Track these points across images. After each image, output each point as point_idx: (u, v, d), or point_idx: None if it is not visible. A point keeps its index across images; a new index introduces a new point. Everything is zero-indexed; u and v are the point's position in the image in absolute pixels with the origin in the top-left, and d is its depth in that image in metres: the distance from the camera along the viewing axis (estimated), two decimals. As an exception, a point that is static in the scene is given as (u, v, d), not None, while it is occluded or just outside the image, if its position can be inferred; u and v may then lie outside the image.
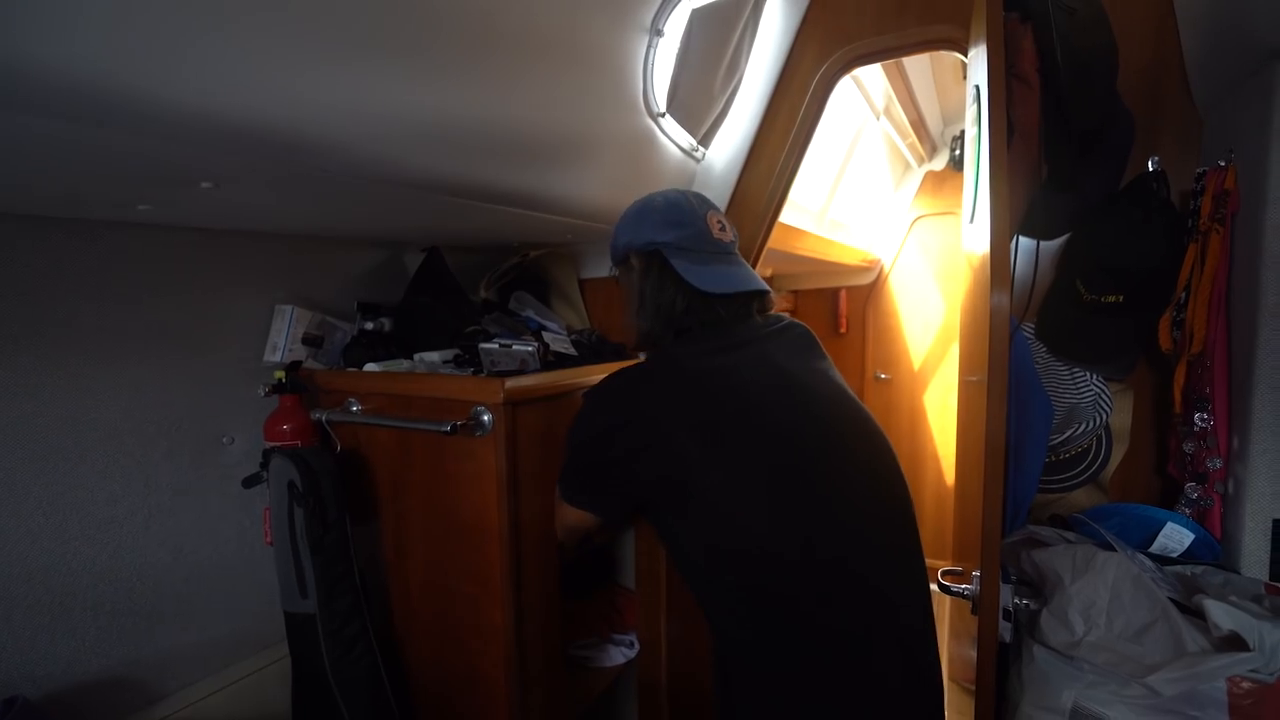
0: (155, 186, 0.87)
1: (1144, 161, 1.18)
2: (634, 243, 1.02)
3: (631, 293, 1.04)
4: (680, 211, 1.02)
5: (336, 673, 1.15)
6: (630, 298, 1.05)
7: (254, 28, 0.63)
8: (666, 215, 1.01)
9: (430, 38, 0.80)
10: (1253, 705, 0.82)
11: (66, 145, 0.67)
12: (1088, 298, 1.22)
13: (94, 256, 1.07)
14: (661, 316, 0.99)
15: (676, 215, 1.01)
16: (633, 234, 1.03)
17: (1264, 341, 0.99)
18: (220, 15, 0.60)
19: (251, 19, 0.62)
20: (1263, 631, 0.81)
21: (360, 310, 1.47)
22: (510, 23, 0.88)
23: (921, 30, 1.38)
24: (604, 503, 0.99)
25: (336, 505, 1.16)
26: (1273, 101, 0.95)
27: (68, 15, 0.52)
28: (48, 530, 1.03)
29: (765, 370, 0.94)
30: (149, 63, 0.59)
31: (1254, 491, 1.02)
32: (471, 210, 1.18)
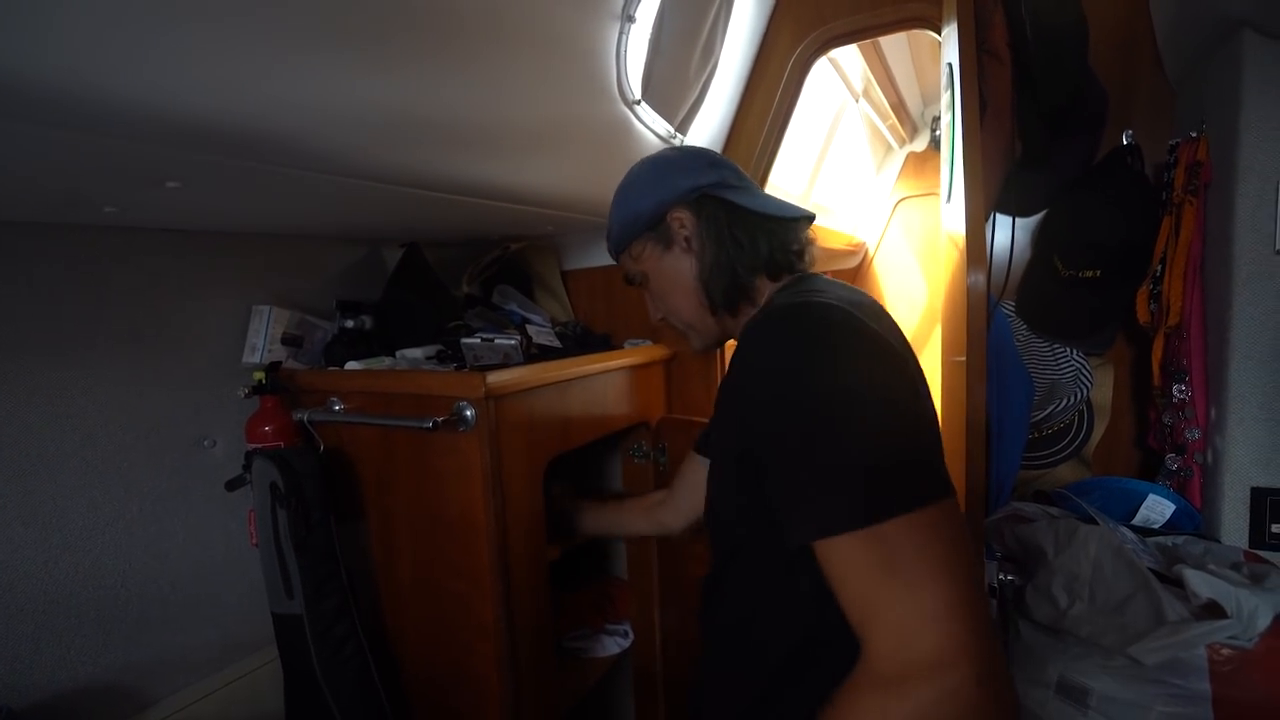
0: (120, 187, 0.86)
1: (1118, 136, 1.18)
2: (668, 198, 0.84)
3: (675, 263, 0.86)
4: (708, 154, 0.89)
5: (326, 673, 1.15)
6: (673, 270, 0.86)
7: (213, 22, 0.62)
8: (696, 160, 0.87)
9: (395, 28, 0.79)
10: (1233, 671, 0.83)
11: (23, 147, 0.66)
12: (1065, 273, 1.23)
13: (62, 260, 1.05)
14: (745, 264, 0.82)
15: (707, 156, 0.88)
16: (662, 190, 0.85)
17: (1238, 311, 1.00)
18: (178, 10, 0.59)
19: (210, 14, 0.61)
20: (1240, 598, 0.82)
21: (340, 308, 1.45)
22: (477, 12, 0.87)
23: (895, 9, 1.37)
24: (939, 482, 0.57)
25: (320, 505, 1.15)
26: (1241, 72, 0.96)
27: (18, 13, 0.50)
28: (28, 539, 1.02)
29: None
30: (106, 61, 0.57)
31: (1232, 461, 1.03)
32: (447, 204, 1.17)
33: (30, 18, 0.51)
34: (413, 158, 0.97)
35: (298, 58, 0.71)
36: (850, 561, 0.54)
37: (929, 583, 0.51)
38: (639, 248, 0.89)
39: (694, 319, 0.89)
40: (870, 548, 0.52)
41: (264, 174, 0.85)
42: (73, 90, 0.58)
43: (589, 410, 1.36)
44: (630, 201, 0.88)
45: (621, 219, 0.89)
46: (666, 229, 0.85)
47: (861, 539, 0.52)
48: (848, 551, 0.53)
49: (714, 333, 0.90)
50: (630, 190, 0.89)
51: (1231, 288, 1.00)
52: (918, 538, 0.52)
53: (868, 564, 0.52)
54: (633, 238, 0.89)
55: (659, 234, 0.86)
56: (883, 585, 0.52)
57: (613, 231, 0.92)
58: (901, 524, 0.52)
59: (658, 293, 0.91)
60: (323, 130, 0.81)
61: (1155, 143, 1.20)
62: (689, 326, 0.91)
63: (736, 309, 0.86)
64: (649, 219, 0.86)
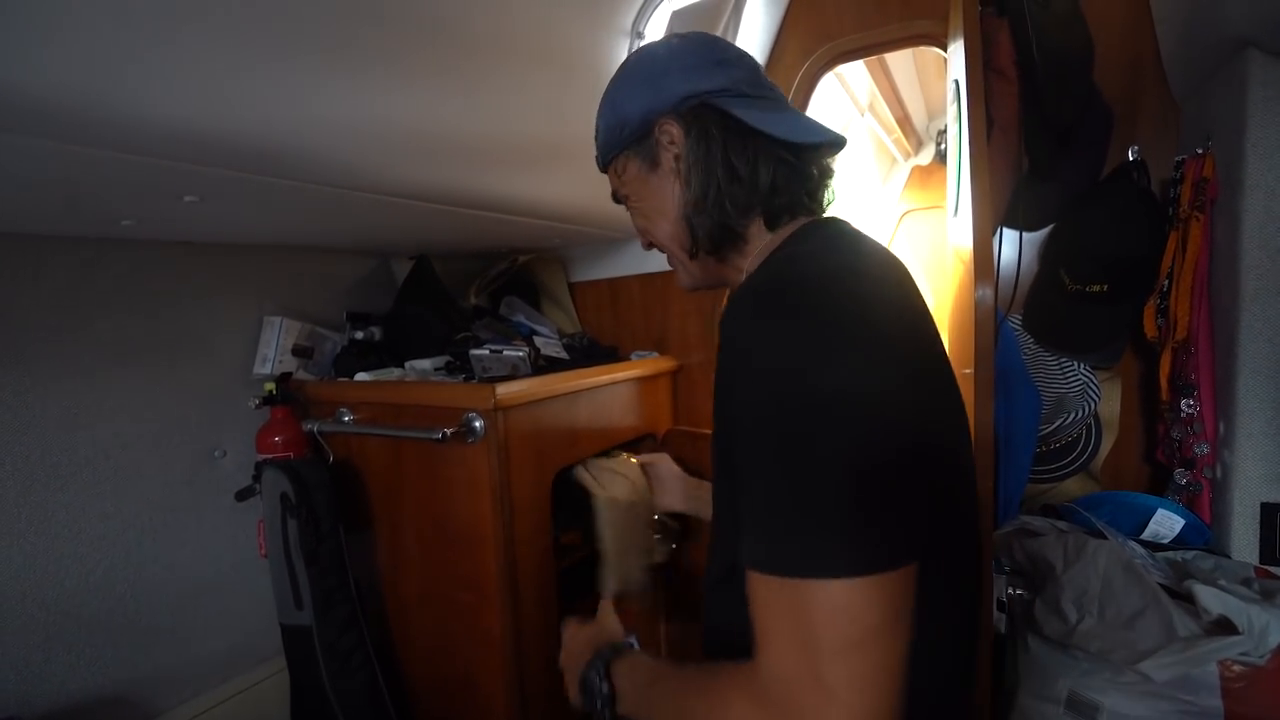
0: (137, 202, 0.87)
1: (1124, 151, 1.19)
2: (658, 105, 0.67)
3: (661, 186, 0.70)
4: (718, 47, 0.70)
5: (334, 684, 1.15)
6: (659, 194, 0.71)
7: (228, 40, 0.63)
8: (701, 55, 0.68)
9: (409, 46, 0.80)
10: (1244, 688, 0.83)
11: (44, 163, 0.67)
12: (1073, 287, 1.23)
13: (77, 272, 1.07)
14: (738, 202, 0.66)
15: (716, 51, 0.69)
16: (653, 94, 0.68)
17: (1246, 326, 1.00)
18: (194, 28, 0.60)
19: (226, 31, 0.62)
20: (1251, 615, 0.82)
21: (349, 320, 1.47)
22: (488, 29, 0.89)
23: (901, 26, 1.39)
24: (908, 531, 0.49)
25: (330, 516, 1.16)
26: (1246, 89, 0.97)
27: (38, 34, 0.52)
28: (40, 550, 1.03)
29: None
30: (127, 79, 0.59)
31: (1241, 476, 1.03)
32: (456, 217, 1.18)
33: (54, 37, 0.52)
34: (425, 172, 0.99)
35: (315, 76, 0.73)
36: (766, 601, 0.48)
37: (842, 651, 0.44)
38: (623, 163, 0.73)
39: (679, 255, 0.74)
40: (789, 596, 0.46)
41: (279, 189, 0.87)
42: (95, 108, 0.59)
43: (596, 422, 1.37)
44: (617, 104, 0.71)
45: (607, 125, 0.72)
46: (653, 145, 0.69)
47: (783, 587, 0.46)
48: (764, 590, 0.48)
49: (700, 276, 0.75)
50: (619, 90, 0.72)
51: (1239, 303, 1.01)
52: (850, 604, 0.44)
53: (781, 609, 0.47)
54: (617, 150, 0.72)
55: (645, 149, 0.70)
56: (790, 634, 0.46)
57: (598, 138, 0.76)
58: (837, 587, 0.44)
59: (641, 218, 0.75)
60: (339, 146, 0.83)
61: (1161, 159, 1.20)
62: (676, 262, 0.76)
63: (723, 256, 0.71)
64: (635, 129, 0.69)
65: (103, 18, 0.54)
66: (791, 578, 0.45)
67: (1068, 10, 1.06)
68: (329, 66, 0.73)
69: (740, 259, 0.71)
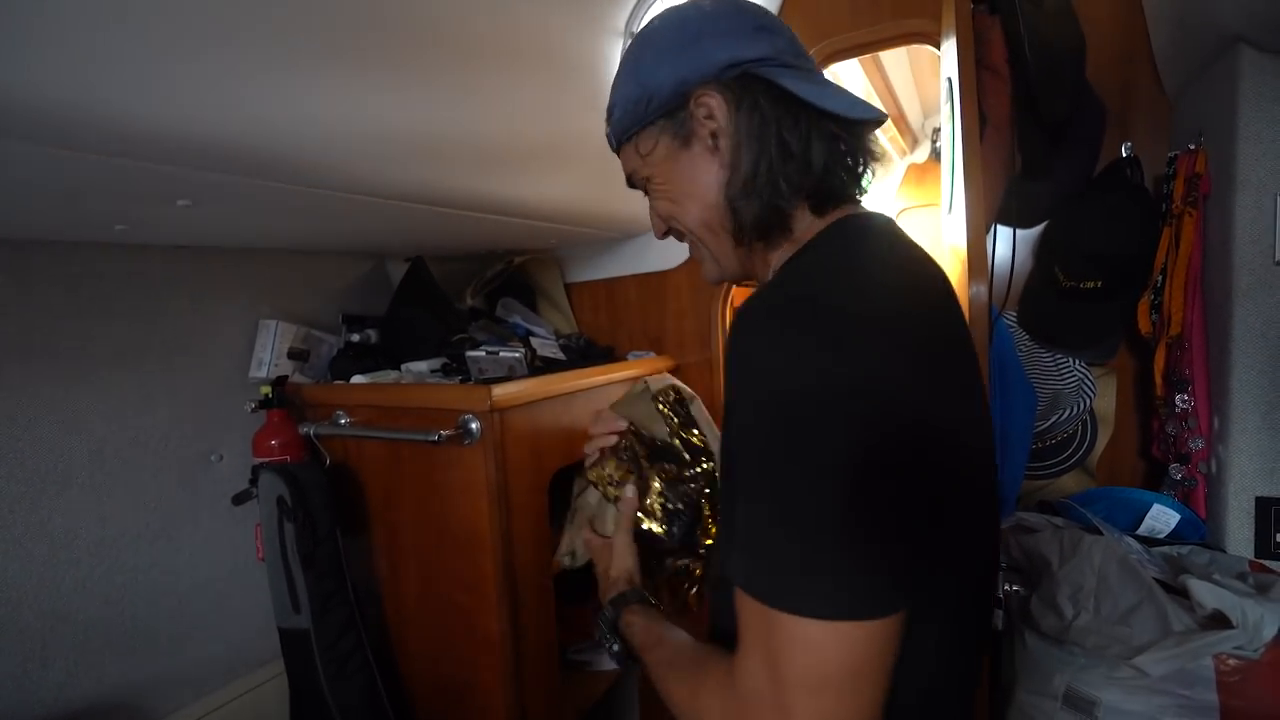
0: (131, 206, 0.87)
1: (1117, 148, 1.20)
2: (694, 74, 0.60)
3: (693, 166, 0.63)
4: (755, 10, 0.63)
5: (333, 688, 1.15)
6: (689, 175, 0.63)
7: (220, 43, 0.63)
8: (738, 19, 0.61)
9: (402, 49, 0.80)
10: (1240, 681, 0.83)
11: (37, 168, 0.67)
12: (1067, 284, 1.23)
13: (70, 277, 1.06)
14: (792, 181, 0.59)
15: (755, 15, 0.62)
16: (687, 61, 0.60)
17: (1239, 321, 1.01)
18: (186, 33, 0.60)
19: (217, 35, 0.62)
20: (1245, 609, 0.82)
21: (345, 323, 1.46)
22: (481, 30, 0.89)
23: (895, 24, 1.39)
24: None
25: (327, 519, 1.16)
26: (1238, 85, 0.97)
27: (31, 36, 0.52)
28: (36, 555, 1.02)
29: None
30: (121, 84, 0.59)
31: (1235, 470, 1.03)
32: (451, 219, 1.18)
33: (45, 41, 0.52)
34: (419, 174, 0.98)
35: (308, 79, 0.73)
36: (745, 617, 0.47)
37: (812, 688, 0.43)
38: (648, 140, 0.64)
39: (712, 243, 0.65)
40: (766, 621, 0.45)
41: (273, 192, 0.87)
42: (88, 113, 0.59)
43: (593, 422, 1.37)
44: (641, 72, 0.63)
45: (626, 97, 0.64)
46: (686, 118, 0.61)
47: (761, 610, 0.45)
48: (744, 606, 0.47)
49: (733, 267, 0.67)
50: (642, 57, 0.63)
51: (1232, 298, 1.01)
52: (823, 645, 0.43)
53: (758, 630, 0.46)
54: (639, 125, 0.64)
55: (676, 124, 0.62)
56: (763, 656, 0.45)
57: (613, 113, 0.66)
58: (813, 627, 0.43)
59: (666, 202, 0.66)
60: (333, 149, 0.83)
61: (1154, 155, 1.21)
62: (705, 251, 0.67)
63: (771, 241, 0.63)
64: (665, 101, 0.61)
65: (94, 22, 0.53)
66: (769, 606, 0.44)
67: (1059, 7, 1.07)
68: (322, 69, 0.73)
69: (774, 249, 0.64)
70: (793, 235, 0.63)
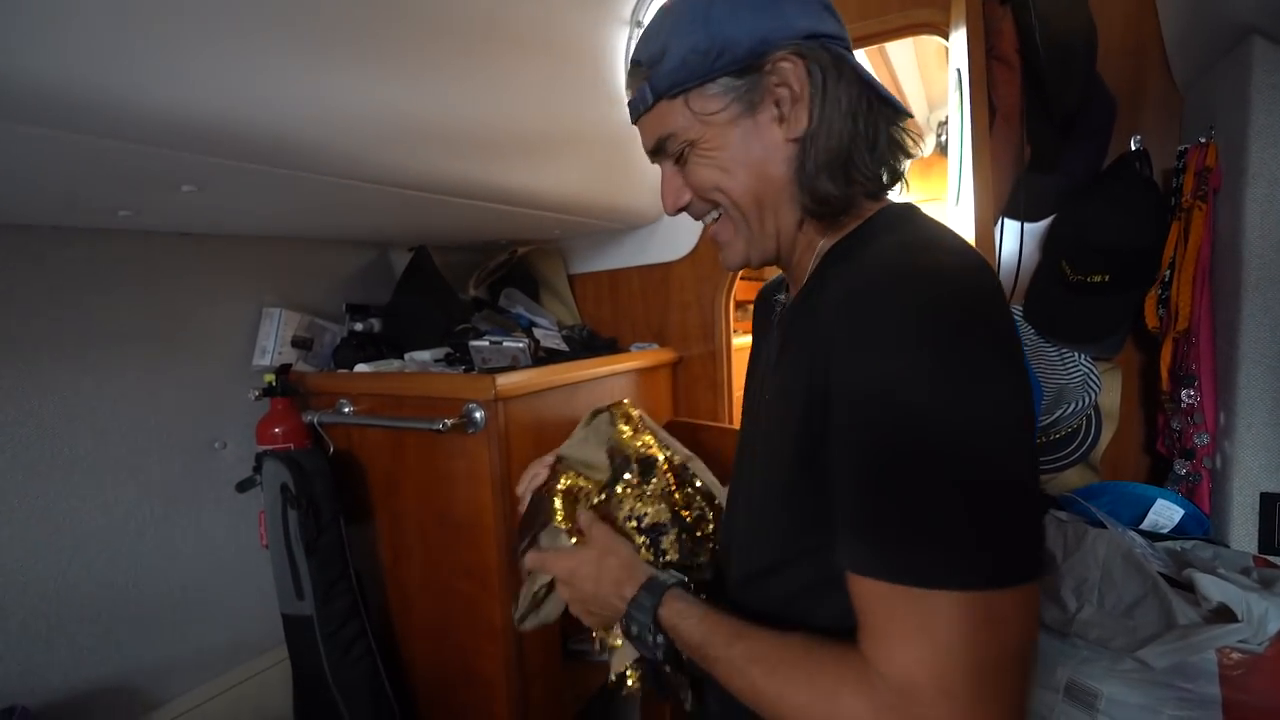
0: (135, 191, 0.87)
1: (1126, 141, 1.18)
2: (776, 36, 0.56)
3: (755, 135, 0.58)
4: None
5: (336, 674, 1.15)
6: (746, 145, 0.59)
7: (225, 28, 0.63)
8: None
9: (408, 35, 0.80)
10: (1243, 675, 0.83)
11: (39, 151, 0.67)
12: (1074, 278, 1.23)
13: (74, 263, 1.06)
14: (867, 162, 0.58)
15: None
16: (769, 20, 0.56)
17: (1247, 317, 1.00)
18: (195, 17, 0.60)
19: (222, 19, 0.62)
20: (1250, 603, 0.82)
21: (349, 311, 1.46)
22: (488, 18, 0.88)
23: (902, 15, 1.38)
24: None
25: (330, 506, 1.16)
26: (1249, 77, 0.96)
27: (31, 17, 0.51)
28: (41, 540, 1.03)
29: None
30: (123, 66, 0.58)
31: (1241, 466, 1.03)
32: (455, 207, 1.18)
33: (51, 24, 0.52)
34: (425, 162, 0.98)
35: (315, 65, 0.72)
36: (890, 608, 0.45)
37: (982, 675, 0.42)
38: (709, 99, 0.58)
39: (755, 219, 0.61)
40: (924, 606, 0.43)
41: (279, 178, 0.86)
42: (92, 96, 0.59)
43: (597, 413, 1.37)
44: (713, 23, 0.56)
45: (690, 46, 0.57)
46: (759, 80, 0.57)
47: (918, 596, 0.43)
48: (888, 597, 0.45)
49: (767, 249, 0.63)
50: (714, 6, 0.57)
51: (1241, 293, 1.00)
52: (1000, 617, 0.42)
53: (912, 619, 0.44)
54: (698, 79, 0.57)
55: (745, 85, 0.57)
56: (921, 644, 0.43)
57: (662, 62, 0.59)
58: (979, 600, 0.42)
59: (714, 170, 0.60)
60: (338, 135, 0.82)
61: (1164, 148, 1.20)
62: (742, 228, 0.62)
63: (834, 222, 0.61)
64: (737, 58, 0.56)
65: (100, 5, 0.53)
66: (929, 589, 0.43)
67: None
68: (329, 55, 0.73)
69: (825, 232, 0.62)
70: (847, 219, 0.61)
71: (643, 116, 0.63)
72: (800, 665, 0.50)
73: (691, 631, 0.59)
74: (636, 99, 0.62)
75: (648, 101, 0.61)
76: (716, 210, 0.64)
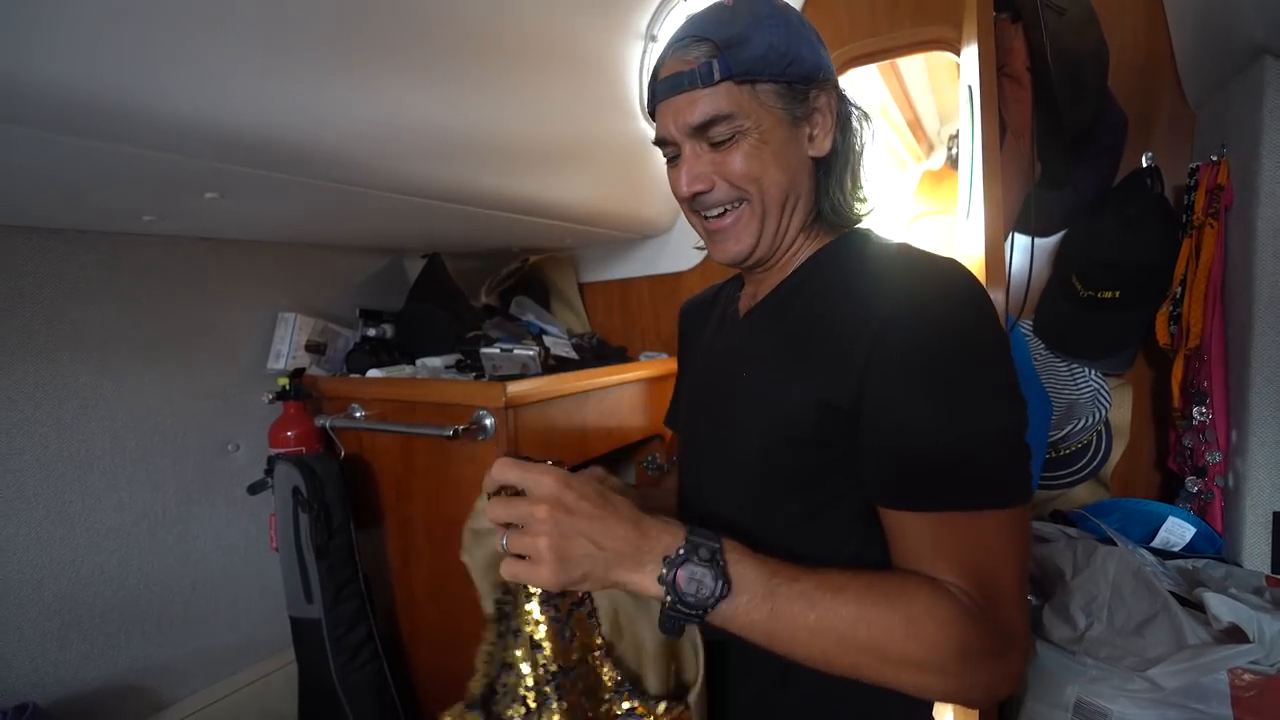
0: (161, 197, 0.89)
1: (1138, 158, 1.19)
2: (825, 72, 0.66)
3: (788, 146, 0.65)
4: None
5: (342, 678, 1.16)
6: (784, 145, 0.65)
7: (254, 40, 0.64)
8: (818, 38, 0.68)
9: (428, 47, 0.81)
10: (1255, 697, 0.82)
11: (71, 158, 0.68)
12: (1085, 294, 1.23)
13: (96, 266, 1.08)
14: (859, 189, 0.71)
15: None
16: (822, 57, 0.66)
17: (1259, 334, 1.00)
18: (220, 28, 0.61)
19: (251, 31, 0.64)
20: (1262, 623, 0.81)
21: (362, 317, 1.48)
22: (507, 31, 0.90)
23: (914, 31, 1.39)
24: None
25: (341, 510, 1.17)
26: (1262, 97, 0.96)
27: (68, 29, 0.53)
28: (56, 538, 1.04)
29: None
30: (151, 76, 0.60)
31: (1253, 485, 1.02)
32: (471, 216, 1.19)
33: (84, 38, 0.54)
34: (443, 172, 1.00)
35: (339, 77, 0.74)
36: (973, 534, 0.53)
37: (1020, 572, 0.54)
38: (775, 96, 0.64)
39: (775, 217, 0.67)
40: (1000, 526, 0.53)
41: (300, 187, 0.88)
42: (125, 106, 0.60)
43: (605, 421, 1.38)
44: (793, 35, 0.64)
45: (772, 45, 0.62)
46: (806, 100, 0.65)
47: (993, 518, 0.53)
48: (963, 525, 0.53)
49: (769, 247, 0.69)
50: (792, 22, 0.65)
51: (1252, 311, 1.00)
52: (1022, 527, 0.55)
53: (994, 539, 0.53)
54: (770, 77, 0.63)
55: (796, 98, 0.64)
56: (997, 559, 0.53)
57: (743, 47, 0.62)
58: (1020, 512, 0.54)
59: (754, 161, 0.64)
60: (361, 146, 0.84)
61: (1175, 165, 1.20)
62: (757, 224, 0.67)
63: (831, 231, 0.71)
64: (804, 73, 0.64)
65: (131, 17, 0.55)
66: (1004, 508, 0.53)
67: (1082, 16, 1.06)
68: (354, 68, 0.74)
69: (816, 240, 0.71)
70: (824, 234, 0.72)
71: (699, 90, 0.63)
72: (875, 587, 0.53)
73: (759, 567, 0.54)
74: (699, 71, 0.63)
75: (713, 78, 0.62)
76: (736, 204, 0.67)
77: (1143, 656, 0.88)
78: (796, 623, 0.52)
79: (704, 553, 0.52)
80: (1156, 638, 0.89)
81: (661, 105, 0.66)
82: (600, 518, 0.54)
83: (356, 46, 0.73)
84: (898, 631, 0.51)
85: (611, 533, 0.54)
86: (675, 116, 0.65)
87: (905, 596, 0.52)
